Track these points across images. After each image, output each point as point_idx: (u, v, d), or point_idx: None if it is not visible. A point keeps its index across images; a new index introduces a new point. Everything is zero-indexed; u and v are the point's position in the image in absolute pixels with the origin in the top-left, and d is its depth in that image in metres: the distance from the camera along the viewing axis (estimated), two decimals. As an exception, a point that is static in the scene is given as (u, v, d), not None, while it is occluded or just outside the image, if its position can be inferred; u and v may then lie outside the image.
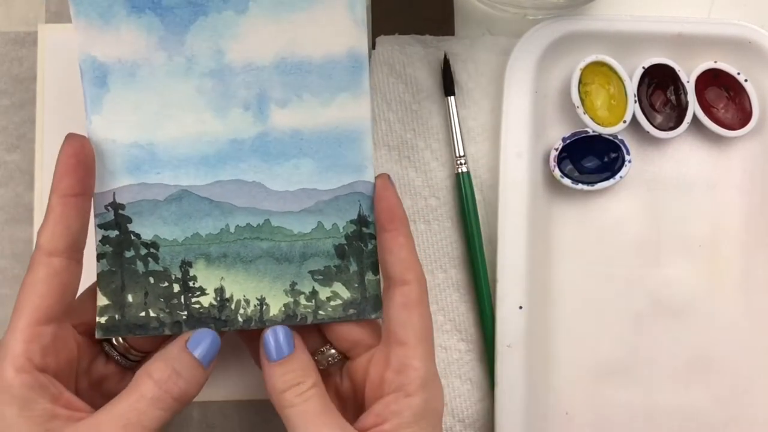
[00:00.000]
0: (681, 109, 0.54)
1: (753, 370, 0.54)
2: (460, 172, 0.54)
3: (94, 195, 0.44)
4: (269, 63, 0.45)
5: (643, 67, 0.53)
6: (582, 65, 0.53)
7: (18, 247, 0.53)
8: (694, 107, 0.54)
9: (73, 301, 0.43)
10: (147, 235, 0.44)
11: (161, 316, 0.44)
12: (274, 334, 0.43)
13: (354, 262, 0.46)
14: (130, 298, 0.44)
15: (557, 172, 0.53)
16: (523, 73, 0.53)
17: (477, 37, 0.56)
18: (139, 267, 0.44)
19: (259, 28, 0.44)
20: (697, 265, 0.55)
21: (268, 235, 0.45)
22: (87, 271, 0.43)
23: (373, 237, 0.46)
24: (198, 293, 0.45)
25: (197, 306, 0.45)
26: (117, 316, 0.44)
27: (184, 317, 0.45)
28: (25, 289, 0.41)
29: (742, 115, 0.54)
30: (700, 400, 0.54)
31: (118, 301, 0.44)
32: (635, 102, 0.53)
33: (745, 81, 0.54)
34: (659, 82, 0.54)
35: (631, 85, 0.53)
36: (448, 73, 0.54)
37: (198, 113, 0.44)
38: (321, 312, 0.45)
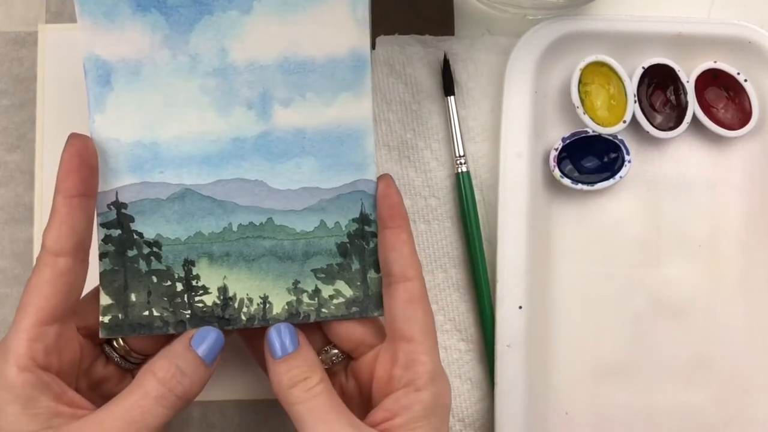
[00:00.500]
0: (681, 109, 0.54)
1: (753, 370, 0.54)
2: (459, 171, 0.54)
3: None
4: (272, 62, 0.45)
5: (643, 67, 0.53)
6: (582, 65, 0.53)
7: (18, 247, 0.53)
8: (693, 107, 0.54)
9: (78, 301, 0.43)
10: (149, 234, 0.44)
11: (164, 315, 0.44)
12: (277, 332, 0.43)
13: (356, 260, 0.46)
14: (133, 297, 0.44)
15: (557, 172, 0.53)
16: (522, 73, 0.53)
17: (477, 37, 0.56)
18: (142, 266, 0.44)
19: (262, 27, 0.44)
20: (697, 265, 0.55)
21: (271, 234, 0.45)
22: (90, 272, 0.43)
23: (375, 235, 0.46)
24: (201, 292, 0.45)
25: (200, 305, 0.45)
26: (120, 316, 0.44)
27: (188, 316, 0.45)
28: (30, 289, 0.41)
29: (742, 115, 0.54)
30: (700, 400, 0.54)
31: (121, 300, 0.44)
32: (635, 102, 0.53)
33: (745, 81, 0.54)
34: (659, 82, 0.54)
35: (631, 85, 0.53)
36: (448, 73, 0.55)
37: (201, 112, 0.44)
38: (324, 310, 0.45)
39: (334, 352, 0.47)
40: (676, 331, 0.54)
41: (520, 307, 0.52)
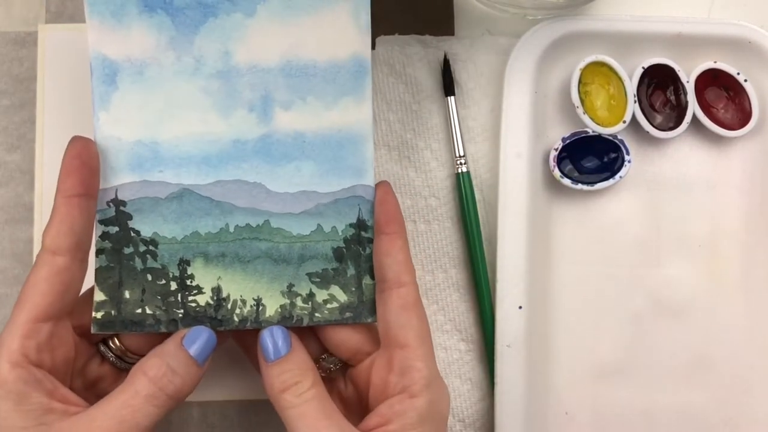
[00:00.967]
0: (681, 109, 0.54)
1: (753, 369, 0.54)
2: (460, 172, 0.54)
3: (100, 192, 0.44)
4: (275, 65, 0.45)
5: (643, 67, 0.53)
6: (582, 65, 0.53)
7: (18, 247, 0.53)
8: (693, 107, 0.54)
9: (75, 300, 0.43)
10: (146, 232, 0.45)
11: (157, 313, 0.44)
12: (270, 334, 0.43)
13: (352, 265, 0.46)
14: (127, 294, 0.44)
15: (557, 172, 0.53)
16: (522, 73, 0.53)
17: (477, 37, 0.56)
18: (138, 264, 0.44)
19: (266, 31, 0.45)
20: (696, 265, 0.55)
21: (267, 236, 0.45)
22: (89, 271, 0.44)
23: (372, 241, 0.46)
24: (195, 292, 0.45)
25: (194, 304, 0.45)
26: (113, 312, 0.44)
27: (180, 315, 0.45)
28: (27, 286, 0.41)
29: (742, 115, 0.54)
30: (700, 400, 0.54)
31: (114, 297, 0.44)
32: (635, 102, 0.53)
33: (745, 81, 0.54)
34: (659, 82, 0.54)
35: (631, 85, 0.53)
36: (448, 73, 0.54)
37: (203, 113, 0.45)
38: (317, 314, 0.45)
39: (331, 359, 0.47)
40: (676, 331, 0.54)
41: (520, 307, 0.52)
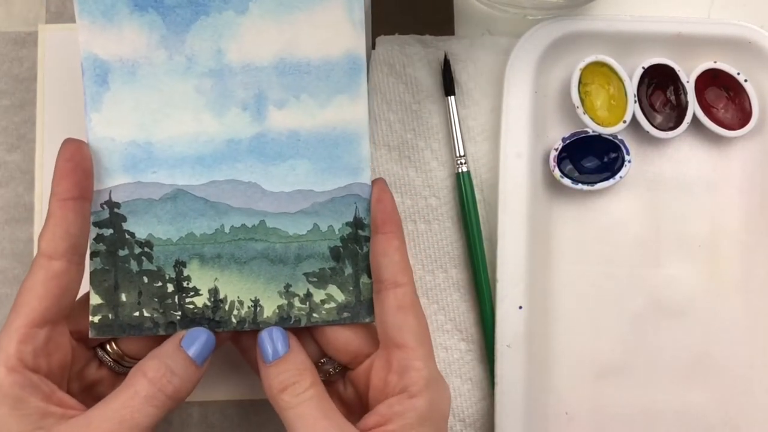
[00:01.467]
0: (681, 109, 0.54)
1: (753, 369, 0.54)
2: (460, 171, 0.54)
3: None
4: (268, 63, 0.45)
5: (643, 67, 0.53)
6: (582, 65, 0.53)
7: (18, 247, 0.53)
8: (693, 107, 0.54)
9: (72, 304, 0.43)
10: (141, 234, 0.44)
11: (155, 316, 0.44)
12: (269, 335, 0.43)
13: (349, 264, 0.46)
14: (124, 297, 0.44)
15: (557, 172, 0.53)
16: (522, 73, 0.53)
17: (477, 37, 0.56)
18: (133, 266, 0.44)
19: (258, 28, 0.45)
20: (696, 265, 0.55)
21: (263, 236, 0.45)
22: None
23: (369, 240, 0.46)
24: (192, 293, 0.45)
25: (191, 306, 0.45)
26: (110, 316, 0.44)
27: (178, 317, 0.45)
28: (23, 290, 0.41)
29: (742, 115, 0.54)
30: (700, 400, 0.54)
31: (111, 300, 0.44)
32: (635, 102, 0.53)
33: (745, 81, 0.54)
34: (659, 82, 0.54)
35: (631, 85, 0.53)
36: (448, 73, 0.54)
37: (196, 113, 0.45)
38: (315, 315, 0.45)
39: (330, 362, 0.47)
40: (676, 331, 0.54)
41: (520, 307, 0.52)
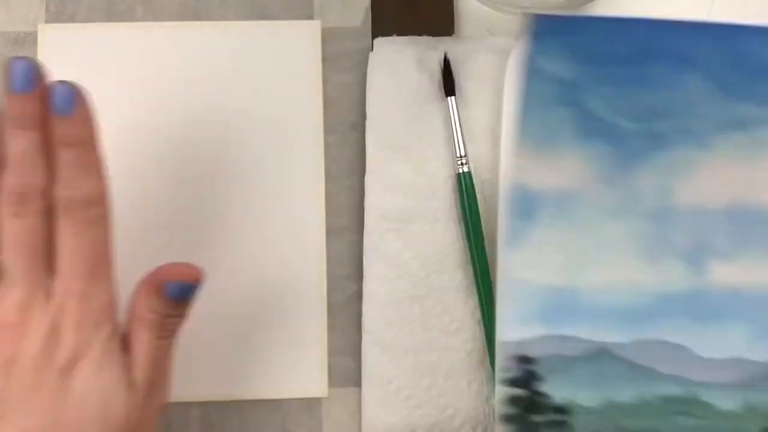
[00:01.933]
0: (683, 110, 0.54)
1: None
2: (461, 172, 0.53)
3: (497, 343, 0.40)
4: (720, 208, 0.40)
5: (643, 67, 0.54)
6: (583, 65, 0.53)
7: (17, 248, 0.53)
8: (694, 107, 0.54)
9: None
10: (559, 397, 0.40)
11: None
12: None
13: None
14: None
15: (558, 173, 0.53)
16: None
17: (477, 37, 0.55)
18: None
19: (717, 167, 0.40)
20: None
21: (694, 411, 0.40)
22: None
23: None
24: None
25: None
26: None
27: None
28: None
29: (743, 115, 0.54)
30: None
31: None
32: (634, 102, 0.53)
33: (746, 81, 0.54)
34: (659, 83, 0.54)
35: (631, 85, 0.53)
36: (448, 74, 0.54)
37: (628, 259, 0.40)
38: None
39: None
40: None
41: (521, 309, 0.52)
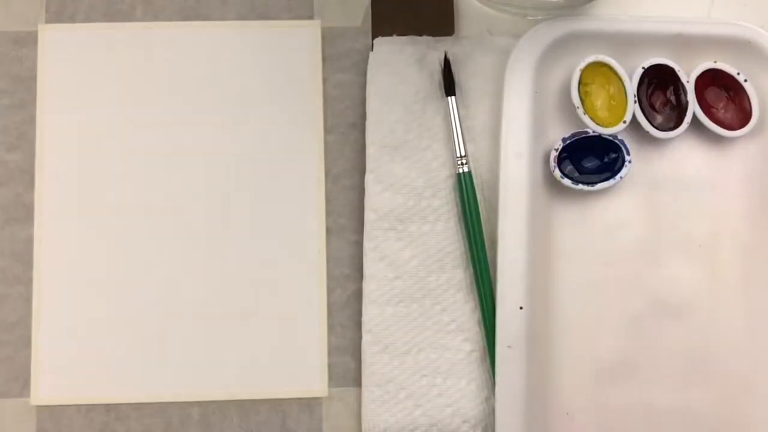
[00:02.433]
0: (681, 110, 0.54)
1: (754, 369, 0.54)
2: (461, 172, 0.53)
3: None
4: None
5: (643, 68, 0.53)
6: (582, 66, 0.53)
7: (18, 247, 0.53)
8: (693, 107, 0.54)
9: None
10: None
11: None
12: None
13: None
14: None
15: (557, 173, 0.53)
16: (522, 73, 0.53)
17: (477, 37, 0.56)
18: None
19: None
20: (697, 265, 0.54)
21: None
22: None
23: None
24: None
25: None
26: None
27: None
28: None
29: (742, 115, 0.54)
30: (701, 400, 0.54)
31: None
32: (635, 102, 0.53)
33: (745, 81, 0.54)
34: (659, 83, 0.54)
35: (631, 86, 0.53)
36: (448, 74, 0.54)
37: None
38: None
39: None
40: (677, 331, 0.54)
41: (521, 308, 0.52)
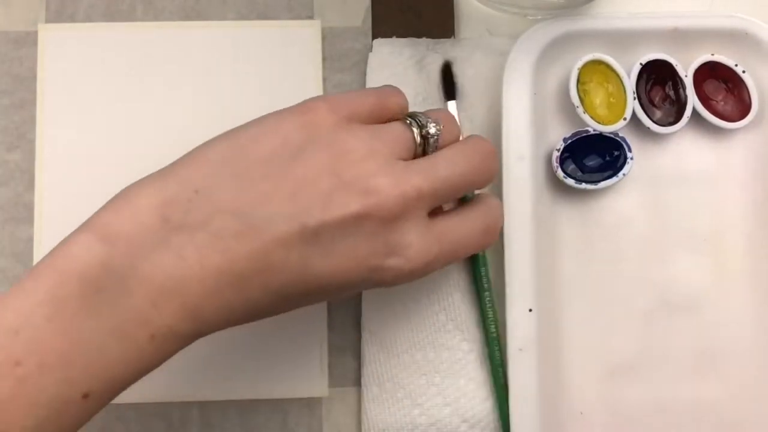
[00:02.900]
0: (680, 104, 0.54)
1: (764, 362, 0.53)
2: (461, 172, 0.53)
3: None
4: None
5: (641, 64, 0.54)
6: (579, 64, 0.53)
7: (18, 247, 0.52)
8: (693, 101, 0.54)
9: None
10: None
11: None
12: None
13: None
14: None
15: (560, 173, 0.53)
16: (521, 74, 0.53)
17: (476, 39, 0.56)
18: None
19: None
20: (703, 260, 0.54)
21: None
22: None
23: None
24: None
25: None
26: None
27: None
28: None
29: (742, 106, 0.54)
30: (713, 394, 0.53)
31: None
32: (634, 99, 0.53)
33: (743, 72, 0.54)
34: (657, 78, 0.55)
35: (630, 82, 0.53)
36: (449, 79, 0.55)
37: None
38: None
39: None
40: (686, 327, 0.53)
41: (530, 310, 0.51)
